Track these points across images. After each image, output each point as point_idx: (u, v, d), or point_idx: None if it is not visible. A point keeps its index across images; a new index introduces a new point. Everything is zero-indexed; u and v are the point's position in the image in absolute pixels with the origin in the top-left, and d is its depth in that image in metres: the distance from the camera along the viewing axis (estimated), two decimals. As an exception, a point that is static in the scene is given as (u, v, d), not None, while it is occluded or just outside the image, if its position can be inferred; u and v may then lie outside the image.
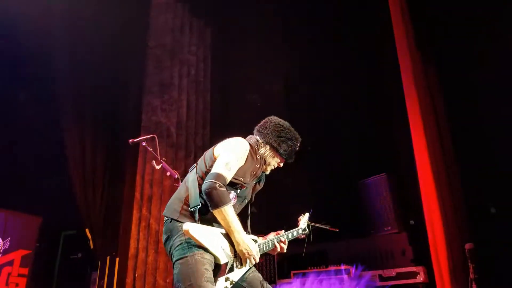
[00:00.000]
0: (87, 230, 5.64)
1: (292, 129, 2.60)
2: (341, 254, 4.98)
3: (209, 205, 2.21)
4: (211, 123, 6.58)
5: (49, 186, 5.81)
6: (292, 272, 4.77)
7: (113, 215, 5.75)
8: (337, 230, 2.91)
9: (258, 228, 2.70)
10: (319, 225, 2.80)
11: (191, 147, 6.22)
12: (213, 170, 2.27)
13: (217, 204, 2.19)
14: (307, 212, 2.70)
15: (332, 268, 4.56)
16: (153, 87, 5.96)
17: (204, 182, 2.24)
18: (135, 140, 3.78)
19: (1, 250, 5.00)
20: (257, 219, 2.75)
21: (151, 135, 3.75)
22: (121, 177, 5.86)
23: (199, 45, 6.67)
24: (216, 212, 2.22)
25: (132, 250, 5.24)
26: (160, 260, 5.36)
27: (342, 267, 4.53)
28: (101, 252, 5.59)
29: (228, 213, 2.22)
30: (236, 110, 6.55)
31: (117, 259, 5.31)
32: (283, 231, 2.61)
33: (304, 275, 4.65)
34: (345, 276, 4.44)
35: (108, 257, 5.42)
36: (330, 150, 5.68)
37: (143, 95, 5.93)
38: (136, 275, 5.13)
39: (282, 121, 2.62)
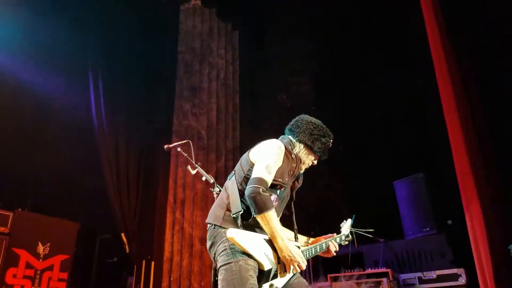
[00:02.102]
0: (122, 234, 5.73)
1: (324, 126, 2.59)
2: (378, 256, 4.88)
3: (253, 210, 2.20)
4: (240, 126, 6.60)
5: (84, 191, 5.95)
6: (328, 275, 4.70)
7: (147, 219, 5.83)
8: (381, 240, 2.82)
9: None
10: (362, 231, 2.72)
11: (222, 150, 6.26)
12: (255, 175, 2.25)
13: (261, 209, 2.18)
14: (349, 217, 2.65)
15: (369, 271, 4.47)
16: (183, 91, 6.03)
17: (247, 187, 2.23)
18: (170, 145, 3.80)
19: (42, 256, 5.13)
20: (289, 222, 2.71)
21: (186, 141, 3.76)
22: (154, 181, 5.93)
23: (227, 48, 6.72)
24: (259, 217, 2.20)
25: (166, 254, 5.30)
26: (195, 264, 5.41)
27: (380, 270, 4.43)
28: (137, 256, 5.67)
29: (272, 218, 2.21)
30: (265, 111, 6.53)
31: (153, 262, 5.37)
32: (329, 235, 2.60)
33: (340, 278, 4.58)
34: (384, 279, 4.35)
35: (144, 261, 5.49)
36: (364, 151, 5.58)
37: (174, 99, 6.00)
38: (172, 278, 5.19)
39: (313, 119, 2.60)
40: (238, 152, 6.40)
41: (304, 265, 2.27)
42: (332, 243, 2.56)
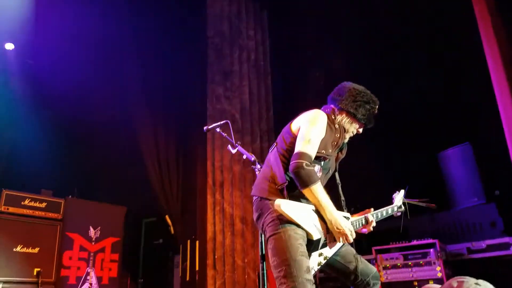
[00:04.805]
0: (166, 216, 5.93)
1: (368, 92, 2.46)
2: (424, 228, 4.78)
3: (298, 184, 2.18)
4: (274, 106, 6.58)
5: (128, 179, 6.19)
6: (373, 248, 4.65)
7: (189, 201, 5.99)
8: (434, 205, 2.70)
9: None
10: (416, 202, 2.63)
11: (256, 132, 6.28)
12: (297, 149, 2.21)
13: (306, 183, 2.15)
14: (402, 189, 2.58)
15: (415, 242, 4.39)
16: (215, 75, 6.05)
17: (291, 162, 2.19)
18: (210, 127, 3.83)
19: (94, 239, 5.41)
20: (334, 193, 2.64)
21: (224, 121, 3.78)
22: (192, 165, 6.06)
23: (257, 29, 6.66)
24: (305, 192, 2.19)
25: (209, 234, 5.42)
26: (237, 242, 5.51)
27: (426, 241, 4.34)
28: (181, 237, 5.86)
29: (318, 191, 2.17)
30: (299, 91, 6.46)
31: (197, 242, 5.52)
32: (372, 209, 2.53)
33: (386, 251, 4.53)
34: (431, 250, 4.26)
35: (189, 241, 5.66)
36: (405, 122, 5.40)
37: (206, 84, 6.04)
38: (216, 256, 5.32)
39: (356, 85, 2.49)
40: (273, 133, 6.40)
41: (352, 238, 2.23)
42: (370, 216, 2.44)
